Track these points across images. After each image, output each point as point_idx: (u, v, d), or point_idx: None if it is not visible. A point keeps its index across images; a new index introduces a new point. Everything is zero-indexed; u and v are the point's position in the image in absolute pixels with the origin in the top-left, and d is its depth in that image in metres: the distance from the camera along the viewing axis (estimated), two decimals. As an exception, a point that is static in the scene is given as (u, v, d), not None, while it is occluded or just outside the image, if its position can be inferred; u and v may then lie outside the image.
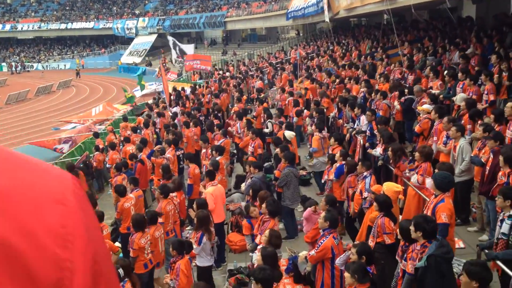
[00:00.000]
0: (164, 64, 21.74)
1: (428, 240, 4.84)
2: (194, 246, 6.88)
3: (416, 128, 9.56)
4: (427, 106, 9.75)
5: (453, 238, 5.88)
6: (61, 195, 0.72)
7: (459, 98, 9.65)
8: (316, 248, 5.68)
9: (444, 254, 4.68)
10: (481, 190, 6.93)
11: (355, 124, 10.75)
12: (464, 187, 7.49)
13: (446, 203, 5.45)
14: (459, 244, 6.85)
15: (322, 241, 5.66)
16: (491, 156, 6.74)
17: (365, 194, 7.08)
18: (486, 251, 5.38)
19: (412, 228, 4.92)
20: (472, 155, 7.36)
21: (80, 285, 0.68)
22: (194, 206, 7.54)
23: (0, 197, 0.66)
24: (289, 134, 10.76)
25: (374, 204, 6.16)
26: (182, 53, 32.54)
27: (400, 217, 6.72)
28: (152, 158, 11.48)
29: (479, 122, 8.08)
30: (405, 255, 5.15)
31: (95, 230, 0.77)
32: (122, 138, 15.90)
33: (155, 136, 16.01)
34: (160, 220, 7.92)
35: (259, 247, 6.17)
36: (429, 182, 6.34)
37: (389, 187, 6.53)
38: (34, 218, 0.67)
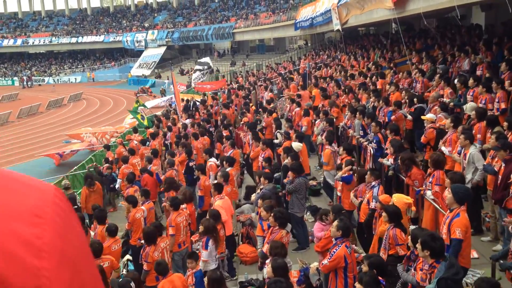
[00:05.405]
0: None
1: (436, 260, 4.70)
2: (203, 252, 6.90)
3: (422, 139, 9.45)
4: (431, 116, 9.67)
5: (469, 252, 5.70)
6: (38, 208, 0.76)
7: (469, 107, 9.53)
8: (329, 257, 5.63)
9: (454, 275, 4.52)
10: (495, 197, 6.84)
11: (369, 135, 10.64)
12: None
13: (462, 218, 5.32)
14: (473, 254, 6.74)
15: (335, 250, 5.61)
16: (503, 164, 6.67)
17: (372, 205, 7.01)
18: (501, 261, 5.29)
19: (418, 246, 4.80)
20: (485, 163, 7.27)
21: None
22: (208, 216, 7.57)
23: None
24: (297, 145, 10.58)
25: (384, 214, 6.08)
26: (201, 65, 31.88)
27: (411, 227, 6.64)
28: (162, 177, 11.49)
29: (490, 130, 7.99)
30: (414, 265, 5.07)
31: (76, 241, 0.81)
32: (128, 148, 15.99)
33: (163, 148, 16.05)
34: (170, 231, 7.94)
35: (267, 261, 6.15)
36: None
37: (399, 199, 6.47)
38: (7, 232, 0.71)
